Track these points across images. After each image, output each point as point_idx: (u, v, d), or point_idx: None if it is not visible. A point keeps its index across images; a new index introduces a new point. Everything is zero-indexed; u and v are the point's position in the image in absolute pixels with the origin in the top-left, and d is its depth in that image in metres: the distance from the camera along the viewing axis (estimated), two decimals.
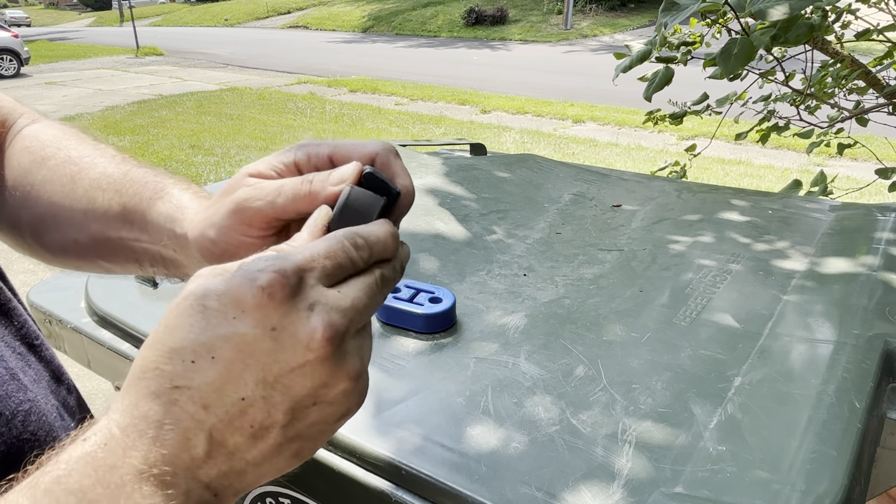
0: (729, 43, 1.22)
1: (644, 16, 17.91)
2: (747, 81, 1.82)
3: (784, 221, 1.07)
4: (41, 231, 0.51)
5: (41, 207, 0.50)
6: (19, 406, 0.37)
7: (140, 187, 0.47)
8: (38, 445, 0.38)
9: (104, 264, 0.50)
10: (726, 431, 0.59)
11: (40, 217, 0.50)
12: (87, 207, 0.48)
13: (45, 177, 0.50)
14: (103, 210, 0.48)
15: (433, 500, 0.55)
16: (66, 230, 0.50)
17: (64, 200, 0.49)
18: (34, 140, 0.53)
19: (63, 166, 0.50)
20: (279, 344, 0.29)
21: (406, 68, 12.30)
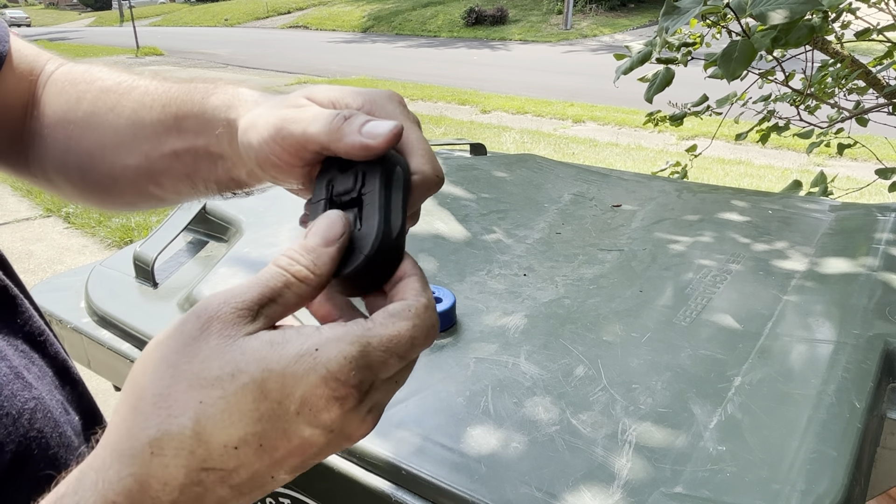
0: (730, 45, 1.22)
1: (644, 16, 17.91)
2: (747, 81, 1.82)
3: (784, 221, 1.07)
4: (89, 168, 0.49)
5: (86, 143, 0.49)
6: (25, 404, 0.37)
7: (189, 92, 0.45)
8: (45, 442, 0.38)
9: (156, 191, 0.49)
10: (726, 431, 0.59)
11: (87, 153, 0.49)
12: (134, 129, 0.47)
13: (85, 111, 0.49)
14: (152, 126, 0.46)
15: (433, 500, 0.55)
16: (114, 159, 0.48)
17: (108, 130, 0.48)
18: (65, 81, 0.51)
19: (101, 97, 0.49)
20: (330, 440, 0.29)
21: (406, 68, 12.30)
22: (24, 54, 0.52)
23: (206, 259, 1.02)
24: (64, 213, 4.42)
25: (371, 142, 0.33)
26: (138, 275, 0.96)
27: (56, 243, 3.95)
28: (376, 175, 0.34)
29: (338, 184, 0.35)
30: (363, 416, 0.30)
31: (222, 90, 0.44)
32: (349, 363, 0.28)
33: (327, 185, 0.36)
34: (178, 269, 0.99)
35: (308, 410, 0.28)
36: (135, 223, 4.09)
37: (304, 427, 0.28)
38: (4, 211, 4.58)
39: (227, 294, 0.30)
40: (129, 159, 0.48)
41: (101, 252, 3.81)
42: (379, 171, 0.34)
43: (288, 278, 0.30)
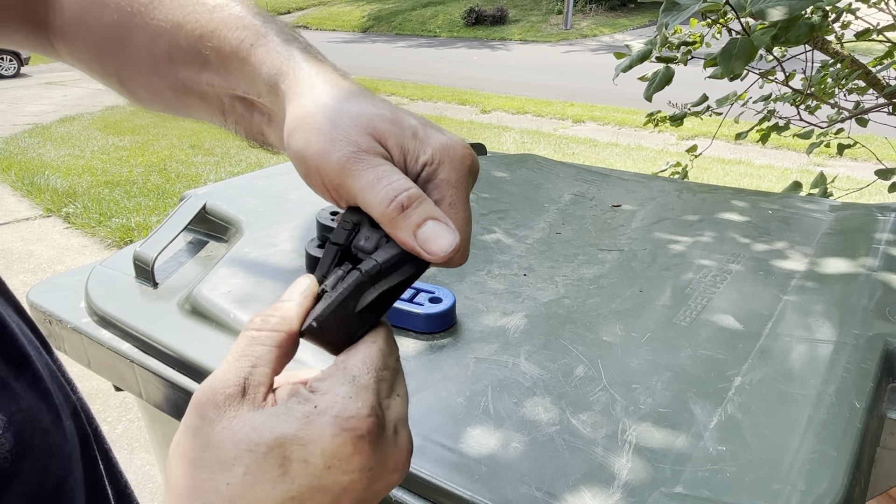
0: (729, 43, 1.22)
1: (644, 16, 17.91)
2: (747, 81, 1.82)
3: (784, 221, 1.07)
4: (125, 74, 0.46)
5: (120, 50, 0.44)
6: (11, 417, 0.36)
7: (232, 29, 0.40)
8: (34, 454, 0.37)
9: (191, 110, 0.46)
10: (726, 431, 0.59)
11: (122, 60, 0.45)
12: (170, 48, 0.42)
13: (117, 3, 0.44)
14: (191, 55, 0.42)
15: (433, 500, 0.55)
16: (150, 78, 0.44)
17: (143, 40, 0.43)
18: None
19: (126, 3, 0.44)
20: (374, 477, 0.30)
21: (406, 68, 12.30)
22: None
23: (206, 259, 1.02)
24: (64, 213, 4.42)
25: (421, 252, 0.33)
26: (138, 275, 0.96)
27: (56, 243, 3.95)
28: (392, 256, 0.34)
29: (361, 237, 0.35)
30: (393, 439, 0.31)
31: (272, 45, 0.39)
32: (351, 399, 0.30)
33: (352, 229, 0.35)
34: (178, 269, 0.99)
35: (337, 461, 0.29)
36: (135, 223, 4.10)
37: (339, 476, 0.29)
38: (4, 211, 4.58)
39: (213, 379, 0.31)
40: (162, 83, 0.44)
41: (101, 252, 3.81)
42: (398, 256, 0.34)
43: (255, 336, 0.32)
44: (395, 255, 0.34)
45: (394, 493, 0.57)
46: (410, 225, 0.32)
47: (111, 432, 2.27)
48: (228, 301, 0.83)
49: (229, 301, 0.83)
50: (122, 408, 2.39)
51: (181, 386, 0.78)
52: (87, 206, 4.46)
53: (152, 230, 1.03)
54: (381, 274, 0.33)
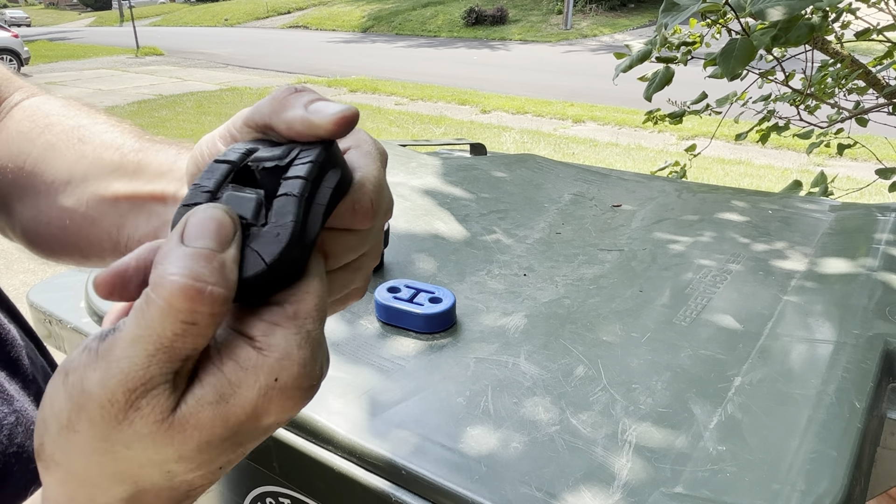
0: (729, 43, 1.22)
1: (644, 16, 17.91)
2: (747, 81, 1.82)
3: (784, 221, 1.07)
4: (30, 205, 0.45)
5: (37, 177, 0.44)
6: (4, 419, 0.36)
7: (165, 146, 0.42)
8: (27, 457, 0.37)
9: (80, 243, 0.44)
10: (726, 431, 0.59)
11: (34, 187, 0.44)
12: (88, 168, 0.42)
13: (47, 141, 0.44)
14: (109, 167, 0.41)
15: (433, 500, 0.55)
16: (55, 198, 0.43)
17: (63, 165, 0.43)
18: (36, 110, 0.47)
19: (71, 130, 0.44)
20: None
21: (406, 68, 12.30)
22: None
23: None
24: None
25: (315, 118, 0.27)
26: None
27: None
28: (307, 159, 0.27)
29: (261, 152, 0.28)
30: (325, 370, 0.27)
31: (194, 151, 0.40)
32: (311, 366, 0.25)
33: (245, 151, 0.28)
34: None
35: (285, 416, 0.26)
36: None
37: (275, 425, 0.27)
38: None
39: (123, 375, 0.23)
40: (69, 201, 0.43)
41: None
42: (317, 153, 0.27)
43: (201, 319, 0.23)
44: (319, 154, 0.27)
45: (394, 493, 0.57)
46: (301, 101, 0.28)
47: None
48: None
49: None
50: None
51: None
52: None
53: None
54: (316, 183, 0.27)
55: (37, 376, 0.42)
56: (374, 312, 0.79)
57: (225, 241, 0.24)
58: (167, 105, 8.76)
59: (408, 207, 1.08)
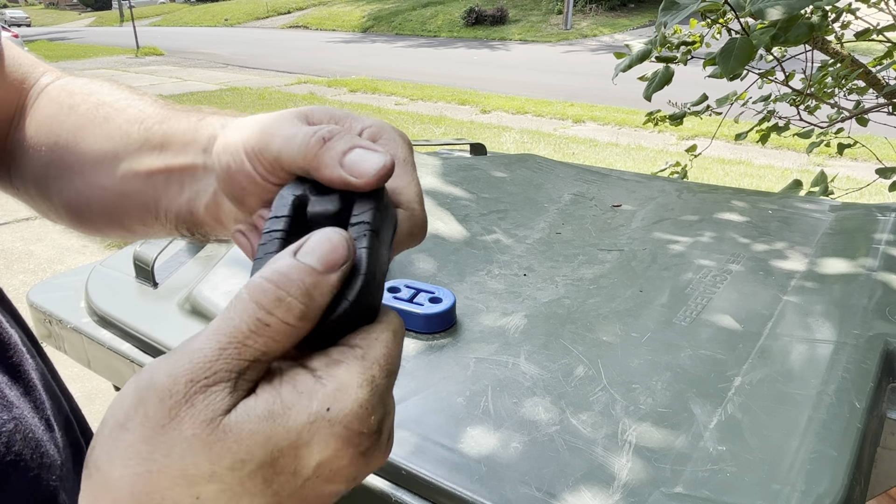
0: (729, 43, 1.22)
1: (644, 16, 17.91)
2: (747, 81, 1.82)
3: (784, 221, 1.07)
4: (67, 184, 0.46)
5: (69, 157, 0.45)
6: (2, 426, 0.35)
7: (186, 113, 0.42)
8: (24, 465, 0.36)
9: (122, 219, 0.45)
10: (726, 431, 0.59)
11: (68, 168, 0.46)
12: (117, 146, 0.43)
13: (74, 123, 0.45)
14: (138, 143, 0.42)
15: (433, 500, 0.55)
16: (91, 177, 0.45)
17: (94, 144, 0.44)
18: (61, 91, 0.48)
19: (96, 109, 0.45)
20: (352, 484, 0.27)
21: (406, 68, 12.30)
22: (18, 62, 0.50)
23: (206, 259, 1.02)
24: None
25: (354, 180, 0.28)
26: (138, 275, 0.96)
27: (56, 243, 3.95)
28: (367, 207, 0.28)
29: (314, 203, 0.29)
30: (384, 447, 0.27)
31: (222, 113, 0.40)
32: (367, 411, 0.25)
33: (295, 201, 0.29)
34: (178, 269, 0.99)
35: (329, 471, 0.25)
36: None
37: (324, 486, 0.25)
38: (4, 211, 4.58)
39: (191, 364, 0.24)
40: (105, 179, 0.45)
41: (101, 252, 3.81)
42: (371, 203, 0.28)
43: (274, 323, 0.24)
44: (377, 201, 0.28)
45: (394, 493, 0.57)
46: (335, 155, 0.28)
47: None
48: (228, 301, 0.83)
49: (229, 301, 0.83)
50: None
51: None
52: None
53: None
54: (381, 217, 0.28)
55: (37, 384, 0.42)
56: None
57: (331, 265, 0.25)
58: None
59: None
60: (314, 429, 0.24)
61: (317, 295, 0.24)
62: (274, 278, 0.24)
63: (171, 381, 0.24)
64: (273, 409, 0.24)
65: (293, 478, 0.24)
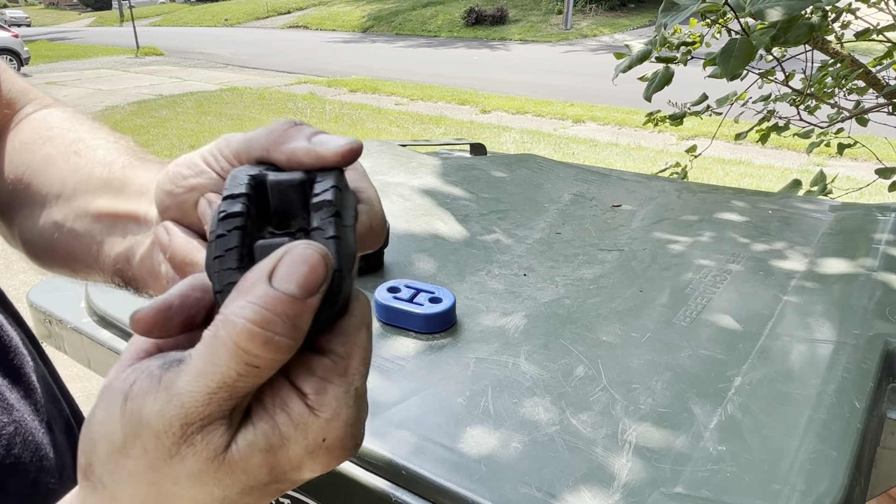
0: (729, 43, 1.22)
1: (644, 16, 17.91)
2: (747, 81, 1.82)
3: (784, 221, 1.07)
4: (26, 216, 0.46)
5: (33, 187, 0.45)
6: (2, 430, 0.35)
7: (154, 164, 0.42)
8: (23, 467, 0.36)
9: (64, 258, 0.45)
10: (726, 431, 0.59)
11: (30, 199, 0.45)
12: (80, 180, 0.43)
13: (46, 154, 0.46)
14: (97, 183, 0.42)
15: (433, 500, 0.55)
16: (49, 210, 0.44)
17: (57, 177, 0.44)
18: (41, 121, 0.49)
19: (71, 143, 0.46)
20: None
21: (406, 68, 12.30)
22: (7, 87, 0.49)
23: None
24: None
25: (322, 150, 0.27)
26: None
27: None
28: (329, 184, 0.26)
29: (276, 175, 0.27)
30: None
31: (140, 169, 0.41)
32: (358, 423, 0.26)
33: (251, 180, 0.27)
34: None
35: (325, 470, 0.27)
36: None
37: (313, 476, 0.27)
38: None
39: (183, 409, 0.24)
40: (59, 214, 0.44)
41: None
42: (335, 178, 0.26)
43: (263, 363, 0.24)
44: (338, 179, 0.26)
45: (394, 493, 0.57)
46: (304, 134, 0.28)
47: None
48: None
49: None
50: None
51: None
52: None
53: None
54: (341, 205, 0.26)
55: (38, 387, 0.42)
56: (374, 312, 0.79)
57: (311, 289, 0.23)
58: (167, 105, 8.76)
59: (408, 207, 1.08)
60: (313, 455, 0.25)
61: (301, 323, 0.24)
62: (257, 320, 0.23)
63: (164, 423, 0.24)
64: (272, 441, 0.25)
65: (289, 483, 0.26)
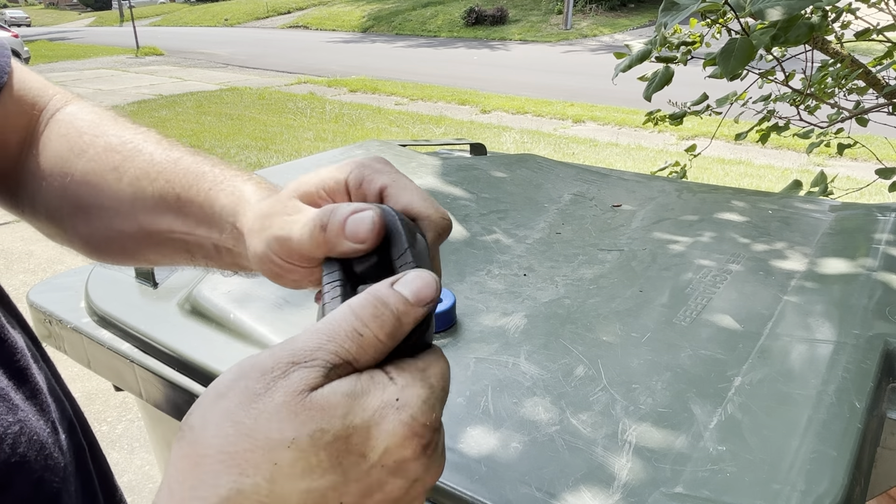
0: (729, 43, 1.22)
1: (644, 16, 17.91)
2: (747, 81, 1.82)
3: (784, 221, 1.07)
4: (83, 222, 0.48)
5: (83, 199, 0.48)
6: (8, 429, 0.35)
7: (196, 178, 0.44)
8: (28, 466, 0.36)
9: (151, 256, 0.48)
10: (726, 431, 0.59)
11: (84, 209, 0.48)
12: (133, 198, 0.46)
13: (85, 167, 0.48)
14: (153, 200, 0.45)
15: (433, 500, 0.55)
16: (110, 221, 0.47)
17: (108, 191, 0.47)
18: (70, 127, 0.50)
19: (105, 155, 0.47)
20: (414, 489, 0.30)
21: (406, 68, 12.30)
22: (28, 86, 0.50)
23: None
24: None
25: (360, 246, 0.33)
26: (138, 275, 0.96)
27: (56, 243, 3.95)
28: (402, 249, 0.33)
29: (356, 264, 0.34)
30: (440, 457, 0.30)
31: (230, 189, 0.43)
32: (429, 406, 0.29)
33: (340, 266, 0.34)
34: (179, 269, 0.99)
35: (393, 463, 0.28)
36: None
37: (387, 477, 0.28)
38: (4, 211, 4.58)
39: (293, 350, 0.28)
40: (125, 226, 0.47)
41: None
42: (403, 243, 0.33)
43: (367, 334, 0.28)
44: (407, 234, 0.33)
45: None
46: (335, 234, 0.33)
47: (111, 432, 2.27)
48: (228, 301, 0.83)
49: (229, 301, 0.83)
50: (122, 408, 2.39)
51: (181, 386, 0.78)
52: None
53: None
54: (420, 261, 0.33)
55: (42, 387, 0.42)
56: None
57: (421, 300, 0.30)
58: (167, 105, 8.76)
59: None
60: (385, 412, 0.27)
61: (405, 321, 0.29)
62: (374, 300, 0.29)
63: (273, 360, 0.27)
64: (354, 389, 0.28)
65: (362, 459, 0.27)
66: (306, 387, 0.27)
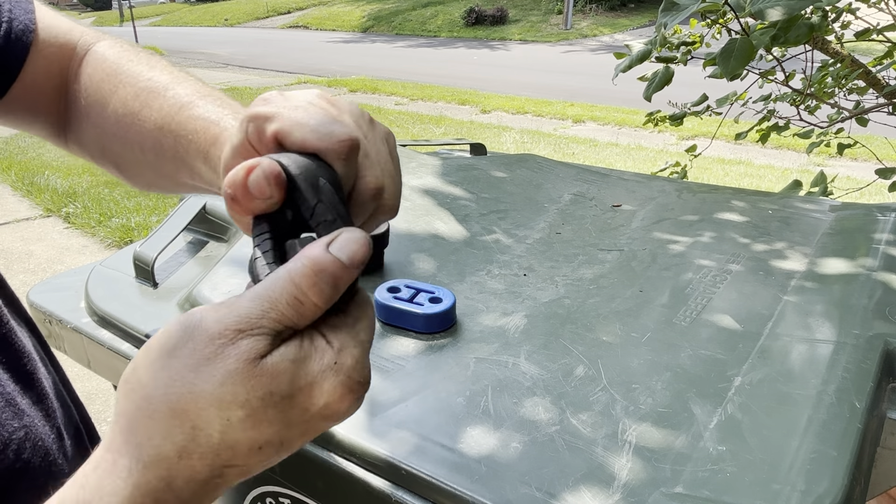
0: (729, 43, 1.22)
1: (644, 16, 17.91)
2: (747, 81, 1.82)
3: (784, 221, 1.07)
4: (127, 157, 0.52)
5: (119, 139, 0.50)
6: (13, 434, 0.36)
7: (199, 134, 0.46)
8: (33, 472, 0.37)
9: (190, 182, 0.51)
10: (726, 431, 0.59)
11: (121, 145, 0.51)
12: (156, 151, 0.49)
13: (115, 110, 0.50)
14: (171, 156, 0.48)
15: (433, 500, 0.55)
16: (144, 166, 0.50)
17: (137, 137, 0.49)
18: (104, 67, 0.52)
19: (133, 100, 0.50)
20: None
21: (406, 68, 12.30)
22: (54, 34, 0.52)
23: (206, 259, 1.02)
24: (64, 213, 4.42)
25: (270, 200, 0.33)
26: (138, 275, 0.96)
27: (56, 243, 3.95)
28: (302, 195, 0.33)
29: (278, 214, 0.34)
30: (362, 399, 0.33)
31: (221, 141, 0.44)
32: (362, 364, 0.32)
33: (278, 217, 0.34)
34: (178, 269, 0.99)
35: (331, 413, 0.31)
36: (135, 223, 4.10)
37: (322, 423, 0.31)
38: (4, 211, 4.58)
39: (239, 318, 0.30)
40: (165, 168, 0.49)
41: (101, 252, 3.81)
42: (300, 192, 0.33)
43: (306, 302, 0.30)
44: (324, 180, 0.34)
45: (394, 493, 0.57)
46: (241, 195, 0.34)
47: None
48: None
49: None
50: None
51: None
52: (87, 206, 4.46)
53: (152, 230, 1.03)
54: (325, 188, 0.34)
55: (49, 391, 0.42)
56: (374, 312, 0.79)
57: (357, 263, 0.31)
58: None
59: (408, 207, 1.08)
60: (325, 374, 0.30)
61: (341, 285, 0.31)
62: (312, 266, 0.30)
63: (220, 326, 0.29)
64: (298, 356, 0.30)
65: (304, 412, 0.30)
66: (256, 354, 0.29)
